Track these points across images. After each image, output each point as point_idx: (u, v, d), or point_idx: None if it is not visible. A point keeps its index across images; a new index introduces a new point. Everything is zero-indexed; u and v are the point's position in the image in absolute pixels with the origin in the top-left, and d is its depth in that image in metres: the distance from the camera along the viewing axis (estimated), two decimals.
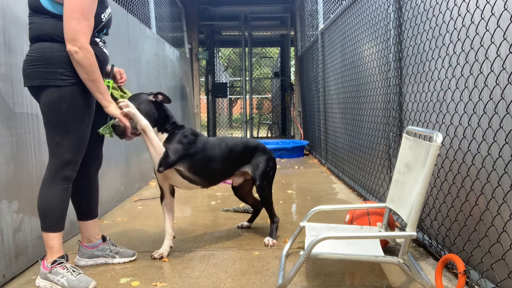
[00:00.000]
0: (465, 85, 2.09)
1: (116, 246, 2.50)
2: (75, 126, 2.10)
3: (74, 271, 2.11)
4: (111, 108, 2.18)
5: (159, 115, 2.47)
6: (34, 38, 2.09)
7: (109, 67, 2.41)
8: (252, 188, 2.98)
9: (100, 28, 2.20)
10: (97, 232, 2.46)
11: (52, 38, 2.05)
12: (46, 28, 2.05)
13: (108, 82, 2.32)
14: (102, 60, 2.22)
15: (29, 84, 2.09)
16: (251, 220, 3.15)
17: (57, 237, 2.14)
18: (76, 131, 2.10)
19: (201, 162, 2.52)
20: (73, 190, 2.34)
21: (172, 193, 2.63)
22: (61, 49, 2.04)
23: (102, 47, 2.23)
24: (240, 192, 3.04)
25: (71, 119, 2.08)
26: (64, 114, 2.06)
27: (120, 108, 2.24)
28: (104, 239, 2.48)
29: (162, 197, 2.61)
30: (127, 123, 2.24)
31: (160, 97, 2.48)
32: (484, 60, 1.91)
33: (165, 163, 2.38)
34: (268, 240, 2.72)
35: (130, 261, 2.48)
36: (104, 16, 2.20)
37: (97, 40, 2.20)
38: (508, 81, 1.73)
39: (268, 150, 2.88)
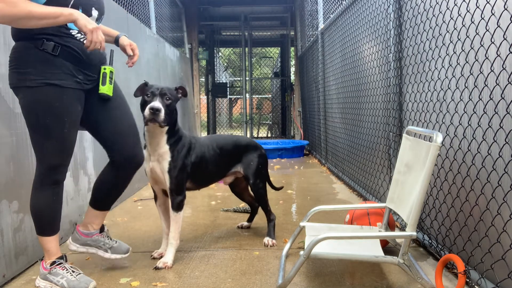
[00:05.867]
0: (465, 85, 2.09)
1: (111, 239, 2.37)
2: (56, 131, 1.96)
3: (73, 271, 2.10)
4: (80, 21, 1.85)
5: (175, 119, 2.38)
6: (12, 37, 1.99)
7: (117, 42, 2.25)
8: (248, 184, 2.97)
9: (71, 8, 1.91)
10: (98, 223, 2.32)
11: (23, 36, 1.92)
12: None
13: (105, 69, 2.11)
14: (82, 53, 2.01)
15: (10, 86, 2.00)
16: (250, 220, 3.15)
17: (53, 240, 2.10)
18: (58, 136, 1.97)
19: (196, 171, 2.50)
20: (100, 176, 2.27)
21: (166, 193, 2.57)
22: (29, 47, 1.91)
23: (83, 40, 2.01)
24: (236, 188, 3.05)
25: (51, 123, 1.94)
26: (42, 118, 1.93)
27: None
28: (101, 230, 2.34)
29: (156, 198, 2.59)
30: (100, 40, 1.91)
31: (180, 91, 2.41)
32: (484, 60, 1.91)
33: (183, 204, 2.43)
34: (267, 240, 2.72)
35: (122, 257, 2.38)
36: None
37: (73, 32, 1.99)
38: (508, 81, 1.73)
39: (258, 146, 2.84)
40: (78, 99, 2.04)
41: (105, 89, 2.10)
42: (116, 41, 2.29)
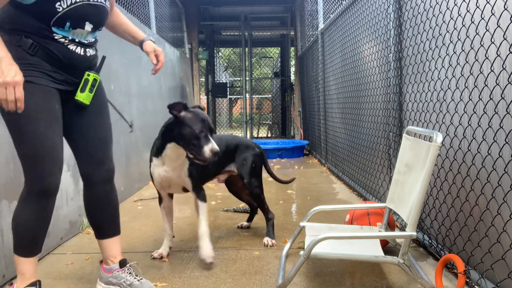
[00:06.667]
0: (465, 85, 2.09)
1: (135, 276, 2.05)
2: (31, 130, 1.73)
3: None
4: None
5: None
6: None
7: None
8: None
9: (57, 20, 1.75)
10: (114, 255, 2.07)
11: (2, 27, 1.75)
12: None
13: (88, 75, 1.91)
14: (63, 58, 1.81)
15: None
16: (250, 219, 3.15)
17: (29, 262, 1.84)
18: (34, 137, 1.74)
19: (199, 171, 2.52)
20: (84, 203, 2.08)
21: (171, 195, 2.59)
22: (6, 41, 1.69)
23: (67, 44, 1.81)
24: (233, 187, 3.05)
25: (24, 123, 1.73)
26: (15, 118, 1.72)
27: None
28: (122, 264, 2.07)
29: (160, 200, 2.58)
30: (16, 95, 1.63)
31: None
32: (484, 60, 1.91)
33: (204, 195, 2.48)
34: (267, 240, 2.72)
35: None
36: (60, 5, 1.73)
37: (57, 36, 1.78)
38: (508, 81, 1.73)
39: (252, 145, 2.84)
40: (54, 97, 1.83)
41: (83, 96, 1.89)
42: (140, 45, 2.17)
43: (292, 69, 11.28)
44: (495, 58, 1.82)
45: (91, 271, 2.35)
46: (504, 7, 1.75)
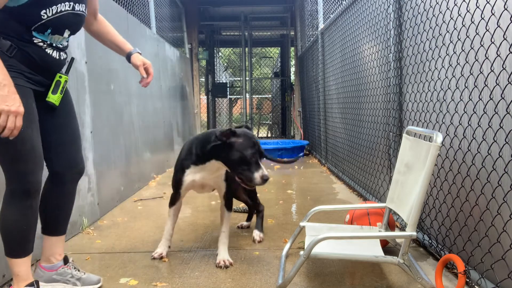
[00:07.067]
0: (465, 85, 2.10)
1: (79, 271, 2.12)
2: None
3: None
4: None
5: None
6: None
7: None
8: None
9: (39, 27, 1.79)
10: (60, 252, 2.10)
11: None
12: None
13: (60, 77, 1.96)
14: (40, 61, 1.85)
15: None
16: (249, 219, 3.16)
17: (23, 263, 1.85)
18: (15, 136, 1.71)
19: None
20: (42, 198, 2.01)
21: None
22: None
23: (45, 48, 1.86)
24: None
25: None
26: None
27: None
28: (66, 261, 2.11)
29: (173, 202, 2.57)
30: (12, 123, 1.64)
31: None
32: (484, 60, 1.91)
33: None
34: (255, 234, 2.76)
35: None
36: (45, 13, 1.77)
37: (36, 40, 1.82)
38: (508, 81, 1.73)
39: None
40: (31, 97, 1.85)
41: (54, 98, 1.94)
42: (127, 57, 2.18)
43: (292, 69, 11.28)
44: (495, 58, 1.82)
45: (91, 271, 2.35)
46: (504, 7, 1.75)
